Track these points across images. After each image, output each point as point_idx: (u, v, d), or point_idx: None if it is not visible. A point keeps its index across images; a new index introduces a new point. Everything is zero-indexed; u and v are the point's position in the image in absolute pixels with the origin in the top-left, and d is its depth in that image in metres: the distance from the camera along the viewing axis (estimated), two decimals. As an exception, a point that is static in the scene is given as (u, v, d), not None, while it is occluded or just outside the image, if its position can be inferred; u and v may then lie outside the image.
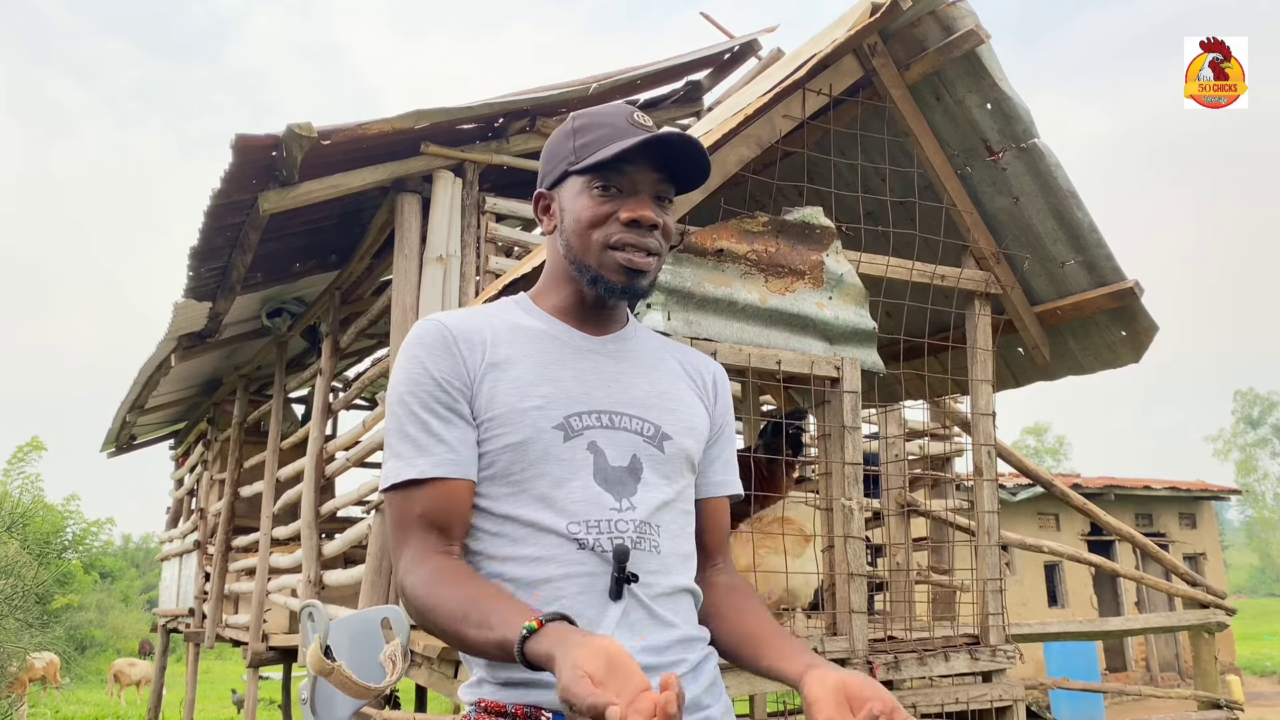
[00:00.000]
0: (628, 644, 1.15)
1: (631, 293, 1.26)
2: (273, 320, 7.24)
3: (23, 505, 15.09)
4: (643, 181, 1.24)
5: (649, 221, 1.23)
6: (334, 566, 6.16)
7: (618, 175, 1.23)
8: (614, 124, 1.24)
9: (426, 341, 1.22)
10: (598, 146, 1.23)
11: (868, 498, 4.03)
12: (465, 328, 1.24)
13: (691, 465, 1.32)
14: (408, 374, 1.22)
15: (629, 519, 1.20)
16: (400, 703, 8.40)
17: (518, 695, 1.14)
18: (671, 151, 1.24)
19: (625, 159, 1.22)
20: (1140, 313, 3.84)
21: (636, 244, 1.23)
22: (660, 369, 1.34)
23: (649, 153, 1.23)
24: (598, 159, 1.22)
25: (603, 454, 1.21)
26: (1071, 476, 14.43)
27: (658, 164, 1.25)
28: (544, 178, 1.33)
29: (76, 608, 23.19)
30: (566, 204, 1.28)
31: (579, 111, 1.31)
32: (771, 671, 1.20)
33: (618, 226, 1.23)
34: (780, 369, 3.31)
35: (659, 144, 1.22)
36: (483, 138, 5.34)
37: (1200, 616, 5.42)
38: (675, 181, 1.28)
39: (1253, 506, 44.46)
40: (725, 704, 1.26)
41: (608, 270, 1.24)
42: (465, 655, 1.22)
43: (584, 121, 1.28)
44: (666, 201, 1.28)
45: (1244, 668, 16.01)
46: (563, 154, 1.28)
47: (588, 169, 1.24)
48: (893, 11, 3.44)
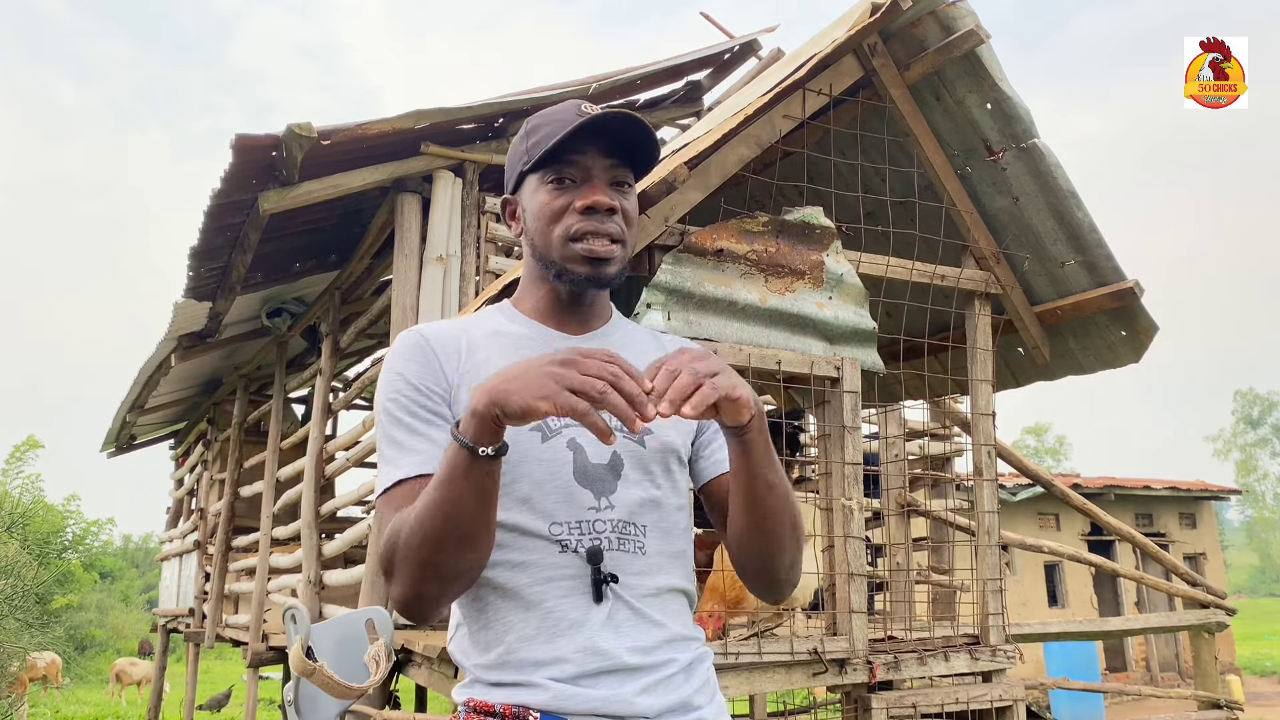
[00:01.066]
0: (614, 645, 1.15)
1: (598, 282, 1.26)
2: (273, 320, 7.24)
3: (22, 505, 15.09)
4: (595, 168, 1.25)
5: (604, 206, 1.23)
6: (334, 566, 6.16)
7: (569, 166, 1.24)
8: (561, 118, 1.25)
9: (403, 352, 1.24)
10: (546, 143, 1.24)
11: (868, 498, 4.04)
12: (441, 337, 1.26)
13: (678, 459, 1.29)
14: (388, 384, 1.23)
15: (607, 518, 1.19)
16: (400, 703, 8.40)
17: (506, 695, 1.14)
18: (617, 135, 1.25)
19: (573, 149, 1.23)
20: (1140, 313, 3.84)
21: (596, 230, 1.23)
22: (643, 362, 1.31)
23: (595, 139, 1.24)
24: (543, 151, 1.23)
25: (583, 451, 1.21)
26: (1071, 476, 14.43)
27: (608, 149, 1.25)
28: (507, 183, 1.35)
29: (76, 608, 23.17)
30: (526, 203, 1.29)
31: (532, 115, 1.32)
32: (735, 476, 1.20)
33: (575, 217, 1.23)
34: (780, 369, 3.31)
35: (603, 129, 1.23)
36: (483, 138, 5.34)
37: (1200, 616, 5.42)
38: (631, 165, 1.28)
39: (1253, 506, 44.48)
40: (719, 705, 1.25)
41: (571, 262, 1.24)
42: (458, 656, 1.22)
43: (535, 123, 1.29)
44: (625, 186, 1.27)
45: (1244, 668, 16.01)
46: (518, 156, 1.30)
47: (538, 164, 1.25)
48: (893, 11, 3.45)
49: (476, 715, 1.16)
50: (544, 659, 1.14)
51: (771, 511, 1.19)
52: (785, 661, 3.31)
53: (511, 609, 1.16)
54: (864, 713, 3.47)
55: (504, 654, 1.16)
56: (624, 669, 1.15)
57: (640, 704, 1.14)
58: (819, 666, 3.35)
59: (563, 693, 1.12)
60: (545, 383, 0.97)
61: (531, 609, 1.15)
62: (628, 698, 1.13)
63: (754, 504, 1.18)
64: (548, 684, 1.13)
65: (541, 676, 1.13)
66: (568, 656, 1.13)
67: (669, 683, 1.18)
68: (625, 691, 1.14)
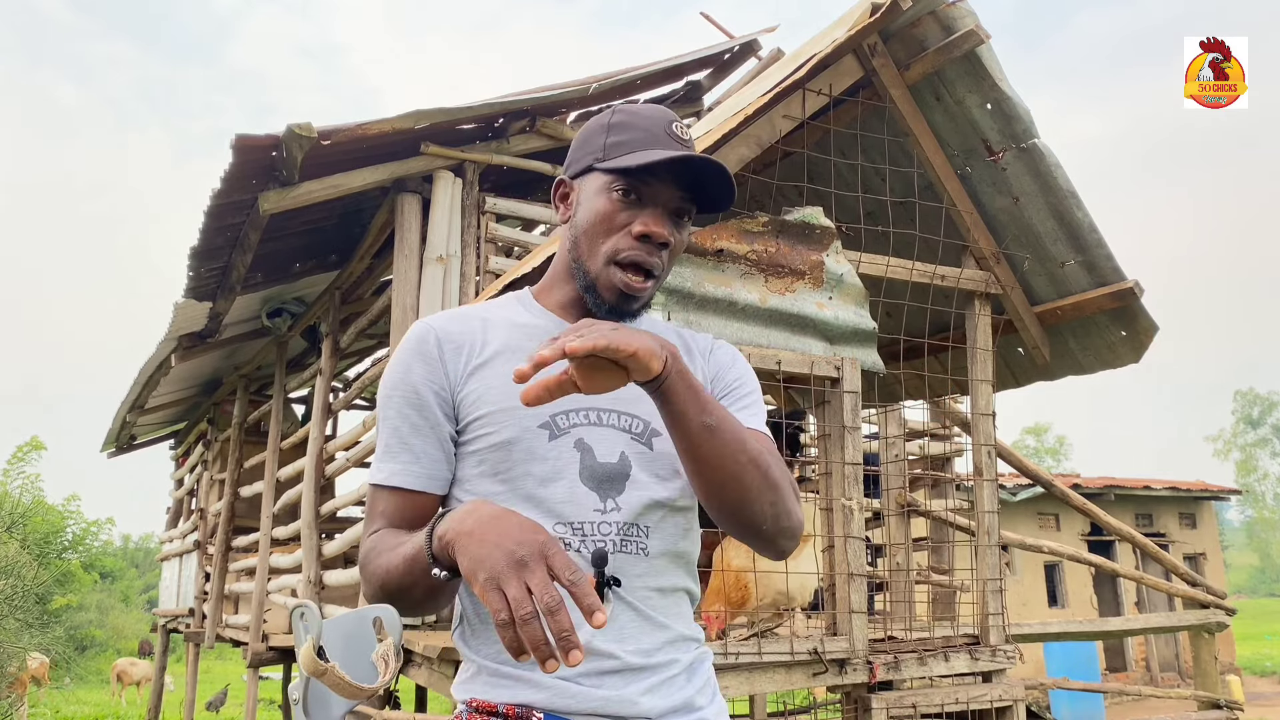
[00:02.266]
0: (616, 647, 1.15)
1: (618, 314, 1.25)
2: (273, 320, 7.24)
3: (23, 505, 15.09)
4: (664, 195, 1.22)
5: (661, 239, 1.21)
6: (334, 566, 6.16)
7: (641, 184, 1.22)
8: (651, 130, 1.22)
9: (412, 344, 1.23)
10: (629, 149, 1.21)
11: (868, 498, 4.03)
12: (453, 330, 1.24)
13: None
14: (391, 374, 1.23)
15: (612, 521, 1.18)
16: (400, 703, 8.40)
17: (509, 694, 1.14)
18: (699, 174, 1.23)
19: (651, 171, 1.21)
20: (1140, 312, 3.84)
21: (640, 262, 1.21)
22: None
23: (677, 169, 1.22)
24: (625, 164, 1.20)
25: (591, 451, 1.20)
26: (1071, 476, 14.43)
27: (683, 183, 1.23)
28: (569, 164, 1.31)
29: (76, 608, 23.18)
30: (585, 198, 1.26)
31: (621, 106, 1.29)
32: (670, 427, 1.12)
33: (628, 240, 1.21)
34: (780, 369, 3.31)
35: (688, 164, 1.21)
36: (483, 138, 5.34)
37: (1200, 616, 5.42)
38: (698, 202, 1.26)
39: (1253, 506, 44.46)
40: (719, 706, 1.25)
41: (603, 286, 1.23)
42: (462, 646, 1.22)
43: (622, 118, 1.26)
44: (685, 219, 1.26)
45: (1244, 668, 16.01)
46: (594, 146, 1.26)
47: (614, 170, 1.22)
48: (893, 11, 3.45)
49: (479, 715, 1.15)
50: None
51: (720, 456, 1.10)
52: (785, 661, 3.31)
53: None
54: (864, 713, 3.47)
55: (504, 653, 1.14)
56: (627, 669, 1.15)
57: (644, 704, 1.14)
58: (819, 666, 3.35)
59: (565, 691, 1.12)
60: (490, 565, 0.90)
61: None
62: (631, 698, 1.13)
63: (698, 454, 1.10)
64: (550, 682, 1.12)
65: (542, 675, 1.12)
66: None
67: (672, 683, 1.18)
68: (629, 692, 1.14)
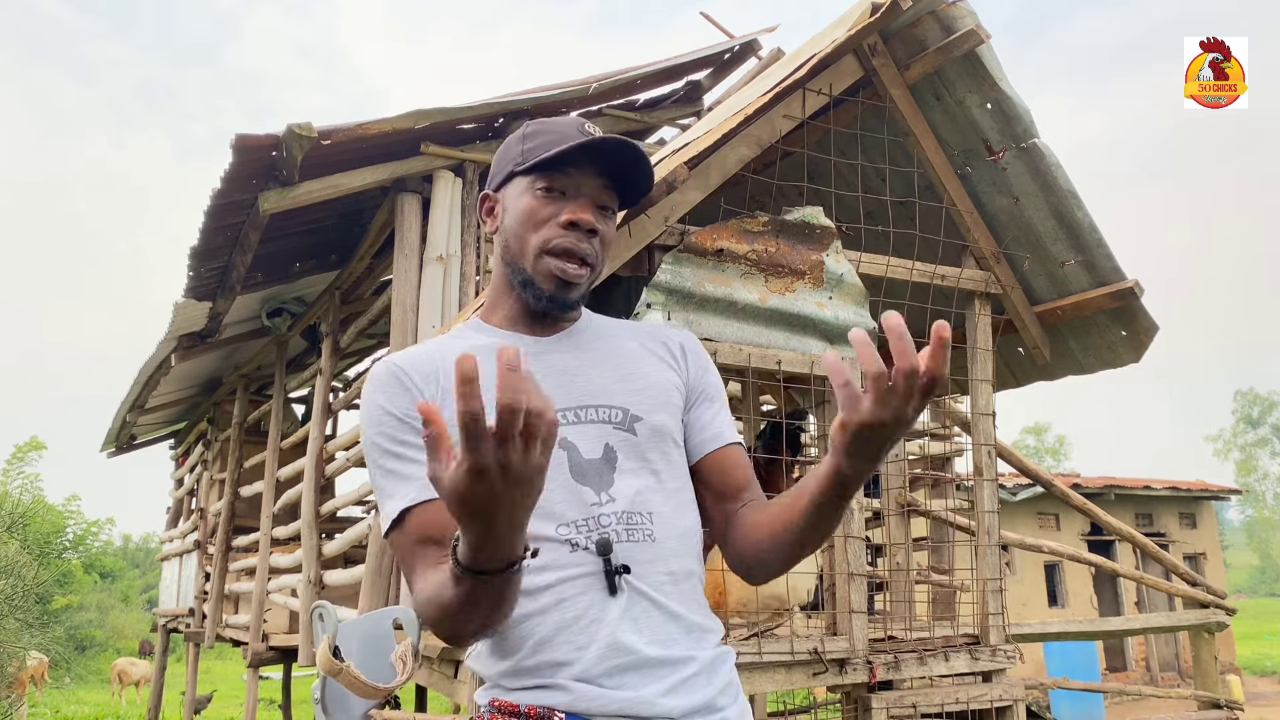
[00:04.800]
0: (634, 639, 1.15)
1: (560, 304, 1.27)
2: (273, 320, 7.24)
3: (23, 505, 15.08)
4: (586, 185, 1.26)
5: (588, 225, 1.24)
6: (334, 566, 6.16)
7: (561, 177, 1.25)
8: (563, 131, 1.26)
9: (380, 383, 1.23)
10: (545, 149, 1.25)
11: (868, 498, 4.04)
12: (415, 362, 1.25)
13: (672, 440, 1.30)
14: (370, 418, 1.22)
15: (610, 511, 1.19)
16: (400, 703, 8.40)
17: (531, 697, 1.14)
18: (615, 160, 1.26)
19: (569, 161, 1.24)
20: (1140, 312, 3.84)
21: (572, 249, 1.24)
22: (620, 352, 1.34)
23: (594, 159, 1.25)
24: (542, 158, 1.24)
25: (575, 449, 1.21)
26: (1071, 476, 14.42)
27: (602, 171, 1.26)
28: (491, 179, 1.35)
29: (76, 608, 23.20)
30: (510, 204, 1.29)
31: (532, 120, 1.34)
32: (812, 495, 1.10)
33: (556, 230, 1.24)
34: (780, 369, 3.31)
35: (603, 150, 1.24)
36: (483, 138, 5.33)
37: (1200, 616, 5.42)
38: (620, 193, 1.30)
39: (1253, 506, 44.49)
40: (742, 705, 1.25)
41: (540, 276, 1.25)
42: (476, 665, 1.22)
43: (535, 128, 1.30)
44: (609, 212, 1.29)
45: (1244, 668, 16.01)
46: (511, 155, 1.31)
47: (532, 168, 1.25)
48: (893, 11, 3.44)
49: (501, 715, 1.16)
50: (565, 659, 1.14)
51: (811, 544, 1.18)
52: (785, 661, 3.31)
53: (528, 614, 1.16)
54: (864, 713, 3.47)
55: (523, 659, 1.15)
56: (645, 664, 1.15)
57: (664, 704, 1.14)
58: (819, 666, 3.35)
59: (586, 694, 1.13)
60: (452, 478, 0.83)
61: (548, 611, 1.15)
62: (652, 699, 1.14)
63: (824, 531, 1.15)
64: (571, 684, 1.13)
65: (564, 677, 1.13)
66: (589, 654, 1.13)
67: (691, 683, 1.18)
68: (649, 692, 1.14)
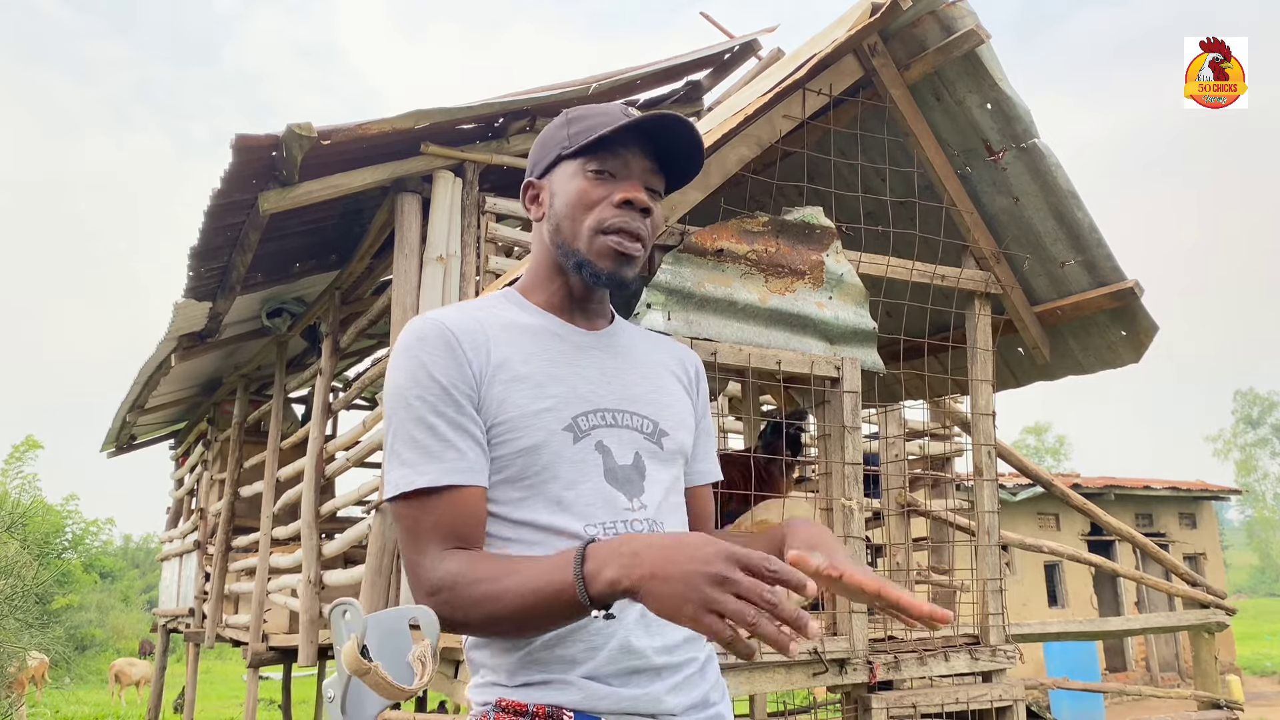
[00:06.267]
0: (645, 644, 1.16)
1: (618, 281, 1.25)
2: (273, 320, 7.24)
3: (22, 505, 15.08)
4: (636, 166, 1.25)
5: (642, 204, 1.23)
6: (334, 566, 6.17)
7: (612, 158, 1.24)
8: (609, 114, 1.25)
9: (430, 342, 1.17)
10: (593, 131, 1.23)
11: (868, 498, 4.03)
12: (466, 327, 1.20)
13: (685, 458, 1.34)
14: (410, 376, 1.17)
15: (643, 518, 1.20)
16: (400, 703, 8.40)
17: (538, 695, 1.14)
18: (667, 138, 1.25)
19: (620, 141, 1.23)
20: (1140, 312, 3.84)
21: (627, 227, 1.22)
22: (650, 363, 1.35)
23: (644, 139, 1.24)
24: (593, 138, 1.22)
25: (610, 453, 1.21)
26: (1071, 476, 14.42)
27: (652, 153, 1.26)
28: (534, 167, 1.33)
29: (76, 608, 23.20)
30: (558, 188, 1.27)
31: (573, 107, 1.32)
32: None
33: (610, 210, 1.23)
34: (780, 369, 3.31)
35: (655, 128, 1.24)
36: (483, 138, 5.33)
37: (1200, 616, 5.43)
38: (667, 175, 1.29)
39: (1253, 506, 44.47)
40: (728, 704, 1.29)
41: (596, 256, 1.23)
42: (474, 656, 1.21)
43: (579, 113, 1.29)
44: (657, 195, 1.28)
45: (1244, 668, 16.01)
46: (556, 141, 1.29)
47: (582, 151, 1.24)
48: (893, 11, 3.44)
49: (507, 715, 1.15)
50: (577, 657, 1.14)
51: None
52: (785, 661, 3.31)
53: None
54: (864, 713, 3.47)
55: (536, 650, 1.15)
56: (651, 669, 1.16)
57: (669, 702, 1.16)
58: (819, 666, 3.35)
59: (596, 692, 1.13)
60: (693, 596, 0.91)
61: None
62: (658, 696, 1.15)
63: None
64: (581, 683, 1.13)
65: (574, 675, 1.13)
66: (601, 655, 1.14)
67: (691, 681, 1.20)
68: (655, 690, 1.16)
